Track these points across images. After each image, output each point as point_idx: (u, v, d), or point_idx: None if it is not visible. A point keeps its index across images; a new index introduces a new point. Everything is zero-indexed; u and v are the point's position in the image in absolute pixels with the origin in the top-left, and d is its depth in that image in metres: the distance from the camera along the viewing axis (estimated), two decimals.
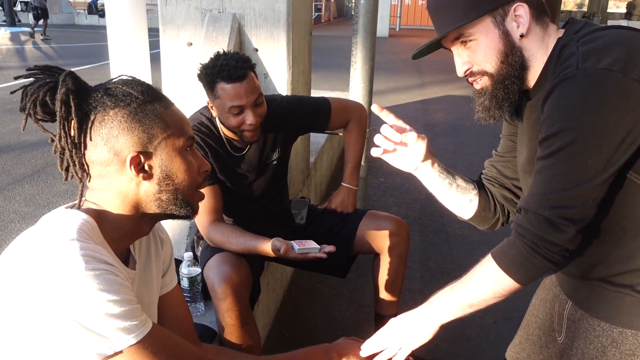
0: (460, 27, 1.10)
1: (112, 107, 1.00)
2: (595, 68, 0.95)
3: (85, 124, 1.00)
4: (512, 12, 1.09)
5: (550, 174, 1.00)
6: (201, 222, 1.90)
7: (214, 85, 1.80)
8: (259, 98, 1.84)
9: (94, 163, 1.02)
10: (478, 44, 1.11)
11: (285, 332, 2.61)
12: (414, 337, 1.23)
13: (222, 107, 1.83)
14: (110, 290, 0.90)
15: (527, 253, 1.04)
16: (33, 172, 4.78)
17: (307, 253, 1.75)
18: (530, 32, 1.10)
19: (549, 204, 1.00)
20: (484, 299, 1.12)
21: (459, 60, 1.16)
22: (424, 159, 1.32)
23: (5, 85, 8.52)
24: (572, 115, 0.96)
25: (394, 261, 2.10)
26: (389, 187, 4.65)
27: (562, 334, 1.23)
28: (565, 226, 0.99)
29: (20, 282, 0.90)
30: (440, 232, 3.76)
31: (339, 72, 10.04)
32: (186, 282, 1.89)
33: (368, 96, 3.15)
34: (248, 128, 1.85)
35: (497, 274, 1.08)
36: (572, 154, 0.97)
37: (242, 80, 1.78)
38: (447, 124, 7.04)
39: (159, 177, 1.05)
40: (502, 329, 2.60)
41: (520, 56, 1.10)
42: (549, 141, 0.99)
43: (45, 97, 0.99)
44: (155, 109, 1.04)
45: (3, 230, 3.65)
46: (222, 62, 1.79)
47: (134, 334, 0.92)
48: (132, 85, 1.03)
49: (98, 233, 1.00)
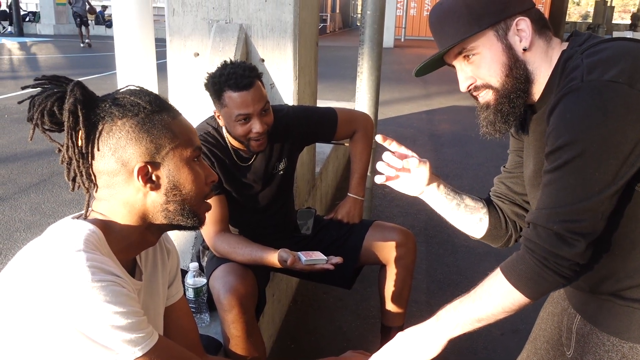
0: (463, 41, 1.10)
1: (120, 117, 1.00)
2: (601, 80, 0.95)
3: (92, 134, 1.00)
4: (514, 26, 1.08)
5: (558, 187, 1.00)
6: (207, 232, 1.89)
7: (221, 93, 1.81)
8: (265, 106, 1.84)
9: (102, 173, 1.02)
10: (482, 58, 1.11)
11: (291, 344, 2.59)
12: (422, 352, 1.21)
13: (229, 115, 1.83)
14: (116, 302, 0.89)
15: (537, 268, 1.02)
16: (39, 181, 4.80)
17: (314, 264, 1.74)
18: (533, 46, 1.09)
19: (558, 217, 0.99)
20: (493, 314, 1.10)
21: (462, 75, 1.16)
22: (428, 182, 1.33)
23: (12, 95, 8.58)
24: (578, 128, 0.95)
25: (401, 272, 2.09)
26: (394, 198, 4.63)
27: (571, 348, 1.21)
28: (576, 240, 0.98)
29: (26, 292, 0.90)
30: (447, 243, 3.74)
31: (344, 82, 10.07)
32: (192, 293, 1.88)
33: (374, 107, 3.14)
34: (255, 137, 1.84)
35: (506, 288, 1.07)
36: (580, 166, 0.96)
37: (249, 89, 1.79)
38: (453, 134, 7.03)
39: (167, 187, 1.04)
40: (510, 342, 2.57)
41: (524, 69, 1.10)
42: (556, 154, 0.98)
43: (53, 107, 0.99)
44: (163, 119, 1.03)
45: (9, 239, 3.66)
46: (229, 70, 1.80)
47: (140, 346, 0.91)
48: (140, 95, 1.03)
49: (105, 244, 1.00)
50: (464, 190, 1.42)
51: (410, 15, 25.47)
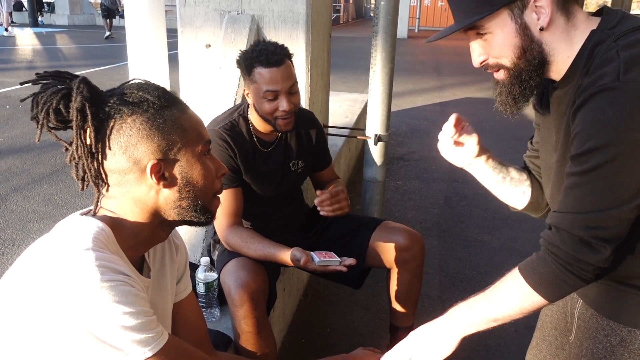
0: (475, 21, 1.03)
1: (130, 114, 0.97)
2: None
3: (102, 132, 0.97)
4: (532, 2, 1.00)
5: (586, 192, 0.95)
6: (220, 225, 1.88)
7: (252, 69, 1.82)
8: (294, 86, 1.85)
9: (112, 172, 0.99)
10: (494, 38, 1.05)
11: (302, 338, 2.58)
12: (435, 351, 1.20)
13: (257, 91, 1.83)
14: (125, 302, 0.88)
15: (559, 272, 1.00)
16: (52, 171, 4.82)
17: (327, 265, 1.72)
18: (552, 24, 1.01)
19: (584, 223, 0.96)
20: (510, 315, 1.08)
21: (475, 51, 1.11)
22: (477, 155, 1.30)
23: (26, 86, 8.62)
24: (610, 131, 0.90)
25: (406, 276, 2.04)
26: (407, 191, 4.60)
27: (573, 332, 1.19)
28: (601, 247, 0.95)
29: (34, 292, 0.88)
30: (459, 237, 3.71)
31: (357, 73, 10.00)
32: (202, 288, 1.87)
33: (387, 99, 3.10)
34: (281, 115, 1.84)
35: (525, 290, 1.05)
36: (610, 172, 0.92)
37: (280, 66, 1.79)
38: None
39: (180, 184, 1.02)
40: (524, 339, 2.51)
41: (539, 51, 1.03)
42: (585, 157, 0.94)
43: (59, 105, 0.96)
44: (172, 115, 1.01)
45: (22, 229, 3.68)
46: (261, 47, 1.82)
47: (150, 346, 0.90)
48: (147, 90, 1.01)
49: (113, 241, 0.98)
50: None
51: (425, 6, 25.23)
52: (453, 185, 4.75)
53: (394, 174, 4.96)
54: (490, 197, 1.43)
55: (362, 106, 5.30)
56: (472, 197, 4.43)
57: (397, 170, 5.10)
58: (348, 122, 4.65)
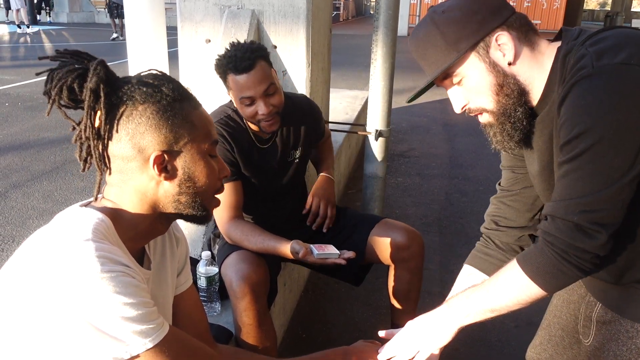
0: (444, 70, 1.07)
1: (142, 102, 0.97)
2: (613, 64, 0.92)
3: (112, 116, 0.97)
4: (494, 42, 1.04)
5: (576, 177, 0.96)
6: (220, 218, 1.88)
7: (225, 77, 1.81)
8: (269, 88, 1.80)
9: (116, 157, 0.99)
10: (469, 80, 1.08)
11: (302, 333, 2.57)
12: (432, 339, 1.21)
13: (235, 98, 1.84)
14: (126, 293, 0.87)
15: (556, 261, 1.00)
16: (51, 169, 4.81)
17: (326, 258, 1.71)
18: (518, 56, 1.05)
19: (578, 208, 0.96)
20: (507, 305, 1.09)
21: (454, 98, 1.13)
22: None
23: (25, 83, 8.62)
24: (593, 115, 0.92)
25: (405, 275, 2.02)
26: (407, 188, 4.59)
27: (590, 336, 1.19)
28: (596, 232, 0.95)
29: (34, 283, 0.88)
30: (460, 233, 3.70)
31: (357, 71, 9.99)
32: (204, 282, 1.87)
33: (388, 94, 3.09)
34: (262, 118, 1.82)
35: (523, 281, 1.05)
36: (597, 154, 0.93)
37: (249, 71, 1.76)
38: (467, 123, 6.94)
39: (181, 178, 1.02)
40: (524, 334, 2.52)
41: (515, 83, 1.06)
42: (572, 144, 0.95)
43: (74, 83, 0.96)
44: (183, 109, 1.01)
45: (22, 226, 3.67)
46: (231, 53, 1.79)
47: (150, 337, 0.90)
48: (163, 82, 1.01)
49: (113, 232, 0.98)
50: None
51: (425, 3, 25.15)
52: (454, 181, 4.75)
53: (395, 171, 4.96)
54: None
55: (362, 103, 5.29)
56: (473, 193, 4.42)
57: (397, 167, 5.09)
58: (348, 119, 4.64)
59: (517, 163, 1.29)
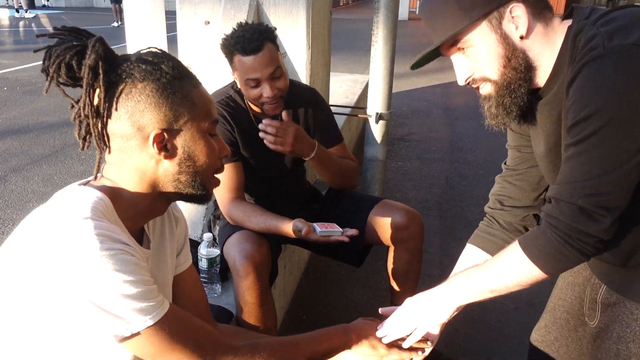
0: (454, 35, 1.04)
1: (141, 80, 0.96)
2: (624, 44, 0.90)
3: (111, 93, 0.96)
4: (508, 13, 1.02)
5: (583, 160, 0.95)
6: (222, 199, 1.88)
7: (232, 57, 1.79)
8: (276, 71, 1.79)
9: (115, 136, 0.98)
10: (477, 51, 1.06)
11: (302, 315, 2.59)
12: (430, 317, 1.21)
13: (240, 79, 1.82)
14: (125, 271, 0.87)
15: (558, 245, 0.99)
16: (51, 152, 4.81)
17: (329, 236, 1.72)
18: (531, 31, 1.03)
19: (583, 192, 0.95)
20: (507, 286, 1.09)
21: (459, 68, 1.11)
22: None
23: (24, 67, 8.58)
24: (603, 97, 0.90)
25: (405, 255, 2.01)
26: (407, 171, 4.59)
27: (596, 318, 1.19)
28: (601, 215, 0.94)
29: (33, 262, 0.87)
30: (460, 217, 3.70)
31: (357, 55, 9.94)
32: (205, 263, 1.87)
33: (389, 77, 3.08)
34: (266, 101, 1.81)
35: (523, 263, 1.04)
36: (606, 137, 0.91)
37: (257, 53, 1.74)
38: (467, 107, 6.93)
39: (181, 157, 1.01)
40: (524, 316, 2.54)
41: (523, 58, 1.04)
42: (580, 126, 0.93)
43: (72, 60, 0.95)
44: (183, 87, 1.00)
45: (22, 209, 3.68)
46: (238, 33, 1.77)
47: (150, 315, 0.89)
48: (162, 60, 1.00)
49: (112, 211, 0.97)
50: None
51: None
52: (454, 165, 4.74)
53: (395, 155, 4.95)
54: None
55: (362, 87, 5.27)
56: (473, 177, 4.42)
57: (397, 151, 5.08)
58: (348, 103, 4.62)
59: (524, 142, 1.27)
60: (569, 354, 1.34)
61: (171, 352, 0.93)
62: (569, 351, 1.34)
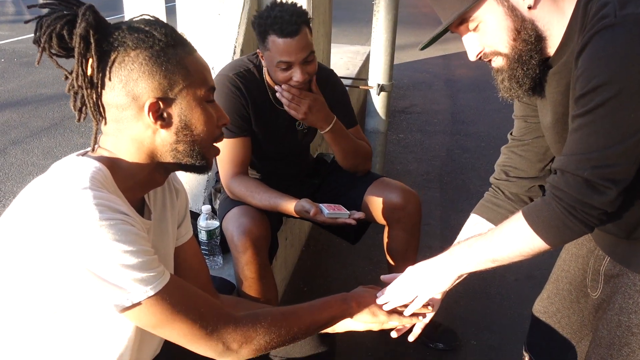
0: (463, 13, 1.02)
1: (134, 48, 0.94)
2: (637, 13, 0.87)
3: (104, 63, 0.94)
4: None
5: (590, 131, 0.93)
6: (225, 173, 1.86)
7: (266, 37, 1.72)
8: (309, 56, 1.75)
9: (110, 106, 0.96)
10: (485, 26, 1.03)
11: (303, 287, 2.60)
12: (432, 285, 1.22)
13: (270, 60, 1.75)
14: (125, 241, 0.86)
15: (562, 216, 0.98)
16: (50, 125, 4.78)
17: (336, 218, 1.71)
18: (538, 1, 1.00)
19: (589, 164, 0.93)
20: (509, 256, 1.08)
21: (469, 45, 1.09)
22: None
23: (20, 38, 8.48)
24: (613, 67, 0.88)
25: (401, 234, 2.00)
26: (408, 144, 4.57)
27: (598, 289, 1.19)
28: (607, 188, 0.93)
29: (33, 233, 0.87)
30: (461, 189, 3.70)
31: (358, 26, 9.80)
32: (204, 235, 1.87)
33: (390, 47, 3.03)
34: (294, 84, 1.77)
35: (526, 233, 1.03)
36: (615, 108, 0.89)
37: (294, 36, 1.69)
38: (470, 79, 6.86)
39: (177, 126, 0.99)
40: (524, 287, 2.56)
41: (533, 29, 1.01)
42: (588, 97, 0.91)
43: (62, 30, 0.92)
44: (177, 54, 0.97)
45: (22, 182, 3.67)
46: (276, 13, 1.70)
47: (151, 285, 0.89)
48: (155, 27, 0.97)
49: (111, 181, 0.96)
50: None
51: None
52: (455, 137, 4.72)
53: (396, 127, 4.92)
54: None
55: (363, 58, 5.20)
56: (474, 149, 4.40)
57: (398, 123, 5.05)
58: (349, 74, 4.57)
59: (530, 113, 1.26)
60: (571, 326, 1.35)
61: (172, 322, 0.93)
62: (571, 322, 1.35)
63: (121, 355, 1.00)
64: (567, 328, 1.35)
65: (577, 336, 1.34)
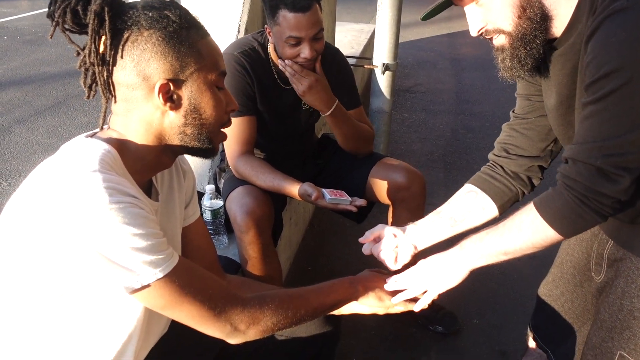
0: None
1: (147, 28, 0.94)
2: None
3: (117, 41, 0.94)
4: None
5: (602, 119, 0.91)
6: (231, 152, 1.86)
7: (276, 11, 1.71)
8: (319, 33, 1.74)
9: (120, 85, 0.97)
10: (490, 1, 1.01)
11: (307, 266, 2.62)
12: (442, 280, 1.21)
13: (279, 35, 1.74)
14: (135, 224, 0.87)
15: (575, 206, 0.96)
16: (54, 103, 4.78)
17: (337, 204, 1.72)
18: None
19: (601, 152, 0.92)
20: (522, 248, 1.07)
21: (472, 19, 1.06)
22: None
23: (24, 15, 8.42)
24: (625, 53, 0.86)
25: (406, 214, 1.98)
26: (413, 123, 4.55)
27: (602, 273, 1.19)
28: (619, 176, 0.91)
29: (42, 216, 0.87)
30: (465, 169, 3.70)
31: (362, 4, 9.68)
32: (209, 215, 1.88)
33: (396, 26, 3.00)
34: (302, 61, 1.76)
35: (539, 224, 1.02)
36: (627, 95, 0.87)
37: (306, 12, 1.68)
38: (475, 58, 6.81)
39: (187, 109, 1.00)
40: (526, 269, 2.57)
41: (539, 7, 0.99)
42: (599, 84, 0.89)
43: (77, 6, 0.92)
44: (191, 37, 0.97)
45: (27, 161, 3.69)
46: None
47: (160, 267, 0.90)
48: (170, 8, 0.97)
49: (120, 164, 0.97)
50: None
51: None
52: (459, 117, 4.70)
53: (400, 106, 4.90)
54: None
55: (367, 37, 5.16)
56: (479, 129, 4.39)
57: (403, 103, 5.03)
58: (354, 53, 4.54)
59: (534, 91, 1.24)
60: (574, 310, 1.36)
61: (181, 303, 0.95)
62: (574, 307, 1.35)
63: (130, 335, 1.01)
64: (571, 312, 1.36)
65: (580, 320, 1.35)
